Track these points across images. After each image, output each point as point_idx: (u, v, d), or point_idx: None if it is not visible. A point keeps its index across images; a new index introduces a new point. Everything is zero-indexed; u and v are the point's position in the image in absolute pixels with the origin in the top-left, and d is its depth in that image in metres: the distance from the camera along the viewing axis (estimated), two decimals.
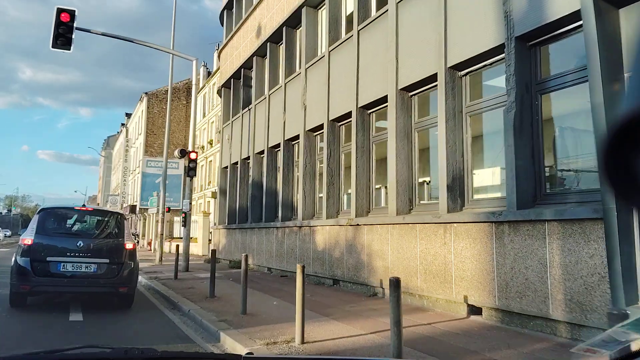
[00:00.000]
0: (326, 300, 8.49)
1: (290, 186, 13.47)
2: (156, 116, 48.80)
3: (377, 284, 8.72)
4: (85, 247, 7.78)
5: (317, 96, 11.73)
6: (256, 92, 16.18)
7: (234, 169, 18.24)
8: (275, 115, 14.36)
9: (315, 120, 11.82)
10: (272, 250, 13.55)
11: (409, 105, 8.71)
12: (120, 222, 8.37)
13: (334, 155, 11.03)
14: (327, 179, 10.92)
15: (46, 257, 7.60)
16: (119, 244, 8.14)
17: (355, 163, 9.78)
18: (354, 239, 9.52)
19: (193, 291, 10.23)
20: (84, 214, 8.54)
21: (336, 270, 10.12)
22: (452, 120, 7.43)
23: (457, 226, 6.94)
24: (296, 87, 12.99)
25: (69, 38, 14.00)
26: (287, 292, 9.56)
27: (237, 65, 18.01)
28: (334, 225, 10.28)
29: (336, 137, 11.10)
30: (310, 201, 12.08)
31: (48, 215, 8.09)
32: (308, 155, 12.20)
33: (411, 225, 7.88)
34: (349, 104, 10.22)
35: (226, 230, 17.96)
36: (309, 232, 11.43)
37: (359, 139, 9.85)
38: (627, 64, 5.12)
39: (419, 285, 7.64)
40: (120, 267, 7.99)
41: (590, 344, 1.08)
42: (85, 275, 7.73)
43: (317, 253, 10.95)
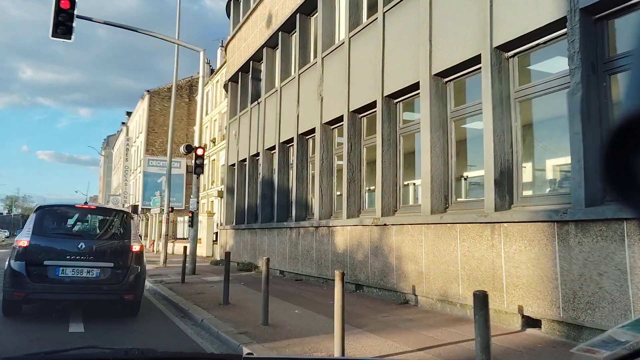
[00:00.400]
0: (353, 309, 7.67)
1: (305, 184, 12.66)
2: (158, 114, 47.98)
3: (409, 290, 7.90)
4: (87, 249, 6.97)
5: (336, 86, 10.92)
6: (266, 85, 15.36)
7: (241, 167, 17.43)
8: (287, 109, 13.55)
9: (333, 112, 11.01)
10: (285, 251, 12.73)
11: (443, 93, 7.89)
12: (126, 222, 7.56)
13: (354, 149, 10.22)
14: (348, 175, 10.10)
15: (43, 260, 6.79)
16: (125, 245, 7.33)
17: (381, 157, 8.97)
18: (380, 241, 8.71)
19: (203, 297, 9.41)
20: (85, 212, 7.73)
21: (359, 275, 9.30)
22: (500, 107, 6.61)
23: (507, 226, 6.12)
24: (311, 78, 12.18)
25: (70, 26, 13.20)
26: (308, 299, 8.75)
27: (245, 58, 17.20)
28: (357, 226, 9.46)
29: (357, 129, 10.29)
30: (328, 199, 11.27)
31: (46, 214, 7.28)
32: (325, 150, 11.39)
33: (450, 226, 7.06)
34: (372, 93, 9.41)
35: (234, 231, 17.15)
36: (327, 232, 10.61)
37: (384, 130, 9.04)
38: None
39: (460, 293, 6.82)
40: (125, 272, 7.18)
41: (590, 344, 1.08)
42: (87, 281, 6.93)
43: (337, 255, 10.14)
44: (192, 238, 13.96)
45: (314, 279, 11.12)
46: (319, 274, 10.87)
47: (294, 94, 13.13)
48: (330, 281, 10.31)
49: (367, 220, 9.08)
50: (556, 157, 6.30)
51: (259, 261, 14.49)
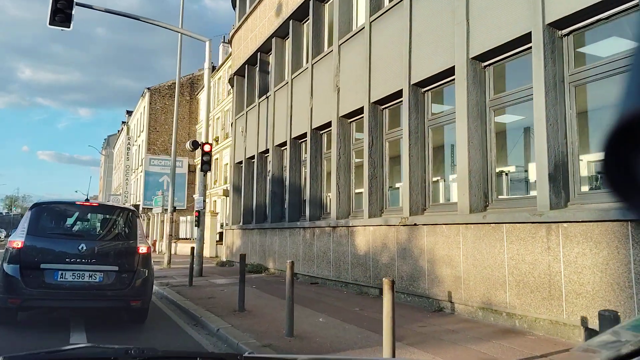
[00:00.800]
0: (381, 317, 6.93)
1: (319, 181, 11.92)
2: (159, 112, 47.22)
3: (443, 296, 7.16)
4: (89, 251, 6.24)
5: (354, 76, 10.18)
6: (275, 78, 14.62)
7: (249, 164, 16.69)
8: (299, 102, 12.81)
9: (351, 104, 10.27)
10: (299, 253, 11.99)
11: (482, 79, 7.16)
12: (132, 221, 6.82)
13: (376, 143, 9.48)
14: (369, 171, 9.37)
15: (40, 263, 6.06)
16: (130, 247, 6.60)
17: (409, 151, 8.23)
18: (408, 242, 7.97)
19: (215, 302, 8.68)
20: (87, 210, 6.98)
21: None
22: (553, 91, 5.88)
23: (568, 226, 5.38)
24: (326, 68, 11.45)
25: (69, 14, 12.49)
26: (330, 305, 8.02)
27: (252, 50, 16.46)
28: (381, 226, 8.72)
29: (379, 122, 9.55)
30: (345, 198, 10.53)
31: (43, 212, 6.54)
32: (342, 145, 10.65)
33: (494, 226, 6.33)
34: (398, 81, 8.67)
35: (241, 231, 16.41)
36: (347, 233, 9.88)
37: (412, 122, 8.30)
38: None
39: (507, 300, 6.09)
40: (132, 276, 6.45)
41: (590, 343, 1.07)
42: (89, 287, 6.19)
43: (358, 258, 9.40)
44: (198, 238, 13.22)
45: (331, 282, 10.39)
46: (337, 277, 10.13)
47: (306, 86, 12.40)
48: (351, 285, 9.59)
49: (394, 220, 8.35)
50: None
51: (268, 262, 13.76)
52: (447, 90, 8.20)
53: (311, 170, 11.89)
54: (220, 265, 17.15)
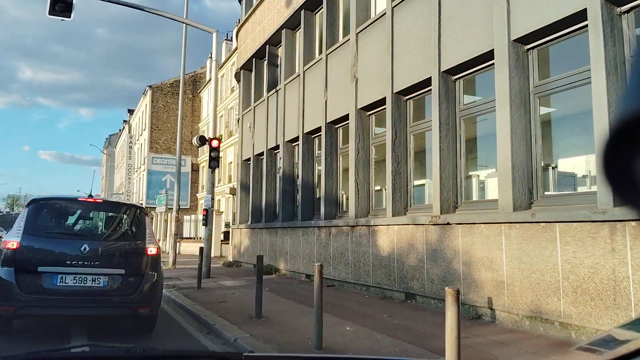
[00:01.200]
0: (415, 325, 6.29)
1: (334, 178, 11.27)
2: (161, 110, 46.58)
3: (482, 303, 6.51)
4: (92, 252, 5.60)
5: (375, 65, 9.53)
6: (286, 70, 13.97)
7: (257, 161, 16.04)
8: (313, 95, 12.16)
9: (371, 95, 9.61)
10: (313, 253, 11.34)
11: (524, 63, 6.50)
12: (140, 219, 6.17)
13: (400, 137, 8.82)
14: (392, 167, 8.71)
15: (37, 266, 5.43)
16: (138, 248, 5.95)
17: (439, 144, 7.57)
18: (440, 243, 7.32)
19: (227, 307, 8.04)
20: (90, 207, 6.32)
21: (411, 282, 7.91)
22: (614, 74, 5.22)
23: (636, 225, 4.73)
24: (342, 58, 10.79)
25: (69, 3, 11.91)
26: (354, 311, 7.36)
27: (260, 42, 15.81)
28: (408, 225, 8.07)
29: (403, 114, 8.89)
30: (364, 195, 9.87)
31: (41, 210, 5.89)
32: (360, 139, 10.00)
33: (545, 225, 5.67)
34: (425, 69, 8.02)
35: (249, 230, 15.76)
36: (367, 232, 9.22)
37: (442, 113, 7.65)
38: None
39: (561, 309, 5.43)
40: (139, 280, 5.81)
41: (590, 343, 1.06)
42: (92, 292, 5.55)
43: (381, 259, 8.75)
44: (206, 238, 12.57)
45: (349, 284, 9.73)
46: (357, 279, 9.48)
47: (320, 78, 11.74)
48: (372, 288, 8.94)
49: (423, 219, 7.69)
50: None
51: (279, 263, 13.12)
52: (480, 77, 7.55)
53: (326, 167, 11.24)
54: (227, 266, 16.51)
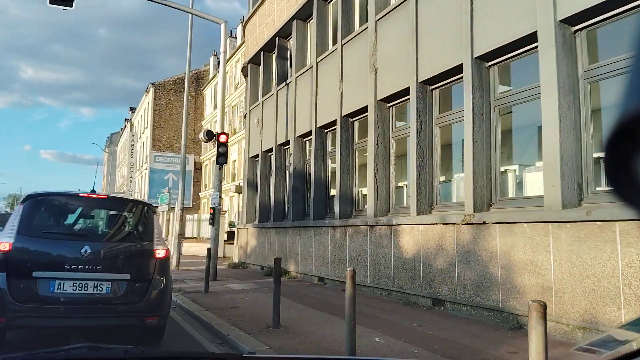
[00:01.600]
0: (452, 336, 5.66)
1: (350, 174, 10.64)
2: (163, 108, 45.98)
3: (525, 311, 5.87)
4: (94, 255, 4.99)
5: (396, 54, 8.90)
6: (297, 63, 13.34)
7: (265, 158, 15.42)
8: (326, 87, 11.53)
9: (392, 86, 8.98)
10: (326, 255, 10.72)
11: (572, 46, 5.87)
12: (147, 217, 5.55)
13: (425, 129, 8.19)
14: (417, 161, 8.08)
15: (32, 271, 4.81)
16: (145, 250, 5.33)
17: (472, 137, 6.94)
18: (474, 244, 6.69)
19: (239, 313, 7.42)
20: (92, 204, 5.68)
21: (439, 287, 7.29)
22: None
23: None
24: (360, 47, 10.16)
25: None
26: (380, 320, 6.72)
27: (269, 35, 15.19)
28: (436, 224, 7.44)
29: (428, 104, 8.26)
30: (384, 192, 9.25)
31: (38, 206, 5.27)
32: (380, 133, 9.37)
33: (602, 225, 5.04)
34: (455, 55, 7.39)
35: (257, 230, 15.14)
36: (388, 232, 8.60)
37: (475, 102, 7.01)
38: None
39: (622, 319, 4.80)
40: (147, 286, 5.19)
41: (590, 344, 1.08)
42: (94, 300, 4.94)
43: (404, 262, 8.12)
44: (213, 238, 11.95)
45: (368, 289, 9.11)
46: (376, 283, 8.85)
47: (335, 69, 11.12)
48: (394, 293, 8.31)
49: (453, 218, 7.06)
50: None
51: (289, 265, 12.49)
52: (517, 64, 6.92)
53: (341, 162, 10.61)
54: (233, 267, 15.91)
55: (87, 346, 1.72)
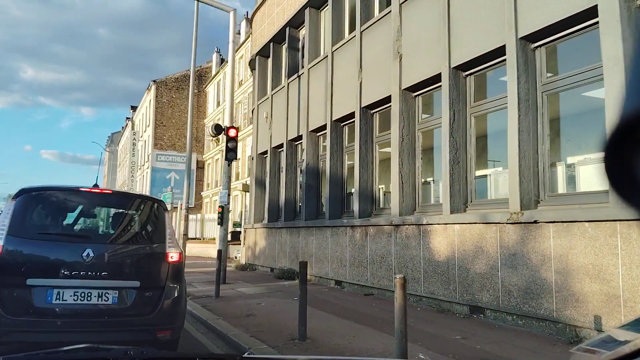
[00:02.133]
0: (506, 352, 4.95)
1: (370, 170, 9.94)
2: (165, 106, 45.29)
3: (586, 322, 5.17)
4: (98, 259, 4.29)
5: (424, 38, 8.20)
6: (310, 53, 12.64)
7: (275, 155, 14.72)
8: (343, 78, 10.83)
9: (419, 73, 8.28)
10: (344, 256, 10.02)
11: (639, 21, 5.16)
12: (158, 216, 4.84)
13: (459, 119, 7.49)
14: (450, 155, 7.38)
15: (26, 278, 4.12)
16: (157, 253, 4.63)
17: (518, 125, 6.24)
18: (521, 245, 5.99)
19: (257, 322, 6.72)
20: (95, 200, 4.95)
21: (479, 294, 6.58)
22: None
23: None
24: (381, 33, 9.46)
25: None
26: (418, 331, 6.01)
27: (279, 25, 14.48)
28: (474, 224, 6.73)
29: (462, 92, 7.56)
30: (410, 189, 8.55)
31: (32, 203, 4.55)
32: (405, 124, 8.67)
33: None
34: (495, 36, 6.69)
35: (266, 230, 14.44)
36: (417, 233, 7.89)
37: (521, 88, 6.31)
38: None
39: None
40: (159, 295, 4.50)
41: (590, 344, 1.07)
42: (98, 312, 4.24)
43: (436, 265, 7.42)
44: (222, 238, 11.25)
45: (393, 294, 8.38)
46: None
47: (352, 58, 10.41)
48: (425, 299, 7.61)
49: (497, 216, 6.35)
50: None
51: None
52: (565, 45, 6.22)
53: (360, 158, 9.90)
54: (240, 269, 15.22)
55: (87, 347, 1.67)
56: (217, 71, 41.87)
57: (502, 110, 6.94)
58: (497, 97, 6.93)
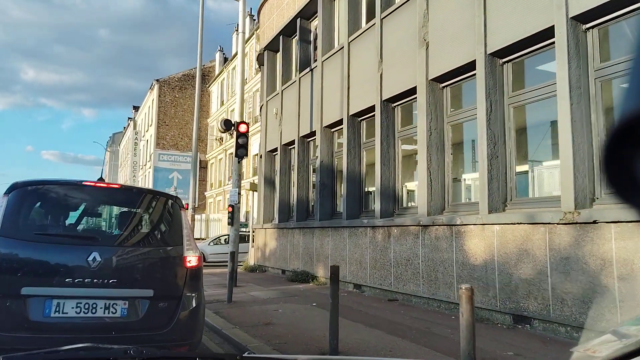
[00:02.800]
0: None
1: (392, 167, 9.31)
2: (168, 105, 44.70)
3: None
4: (105, 264, 3.67)
5: (454, 22, 7.57)
6: (324, 45, 12.02)
7: (285, 152, 14.09)
8: (361, 69, 10.21)
9: (449, 61, 7.66)
10: (364, 259, 9.39)
11: None
12: (174, 214, 4.21)
13: (496, 110, 6.86)
14: (488, 149, 6.75)
15: (20, 286, 3.50)
16: (173, 257, 4.01)
17: (570, 115, 5.60)
18: (576, 248, 5.35)
19: (277, 332, 6.10)
20: (101, 196, 4.31)
21: (524, 302, 5.95)
22: None
23: None
24: (405, 20, 8.83)
25: None
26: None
27: (289, 17, 13.86)
28: (519, 224, 6.09)
29: (498, 81, 6.93)
30: (438, 187, 7.92)
31: (27, 199, 3.92)
32: (433, 118, 8.04)
33: None
34: (540, 17, 6.06)
35: (277, 231, 13.81)
36: (449, 234, 7.26)
37: (572, 74, 5.68)
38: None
39: None
40: (175, 306, 3.88)
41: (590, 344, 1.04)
42: (105, 326, 3.63)
43: (472, 269, 6.78)
44: (233, 239, 10.62)
45: (420, 300, 7.78)
46: (432, 294, 7.52)
47: (372, 48, 9.79)
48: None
49: (546, 216, 5.71)
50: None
51: (317, 270, 11.18)
52: (618, 27, 5.59)
53: (382, 154, 9.27)
54: (250, 271, 14.60)
55: (87, 346, 1.66)
56: (221, 70, 41.30)
57: (545, 100, 6.33)
58: (541, 85, 6.31)
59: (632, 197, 0.42)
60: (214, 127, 41.22)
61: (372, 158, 10.11)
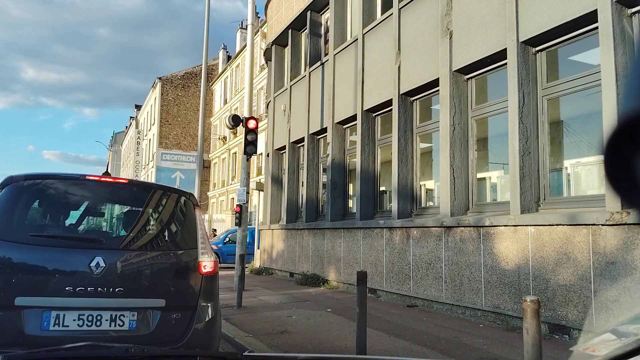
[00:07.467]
0: None
1: (410, 165, 8.84)
2: (171, 104, 44.30)
3: None
4: (110, 271, 3.22)
5: (481, 9, 7.10)
6: (335, 38, 11.56)
7: (294, 150, 13.64)
8: (376, 62, 9.75)
9: (476, 51, 7.19)
10: (380, 262, 8.92)
11: None
12: (187, 213, 3.75)
13: (529, 104, 6.39)
14: (520, 144, 6.28)
15: (14, 296, 3.05)
16: (186, 262, 3.55)
17: (617, 107, 5.13)
18: (625, 252, 4.88)
19: (295, 341, 5.64)
20: (106, 193, 3.82)
21: (562, 310, 5.48)
22: None
23: None
24: (425, 8, 8.37)
25: None
26: (497, 357, 4.91)
27: (298, 10, 13.40)
28: (557, 226, 5.62)
29: (531, 71, 6.46)
30: (462, 185, 7.45)
31: (23, 196, 3.46)
32: (457, 112, 7.57)
33: None
34: (583, 0, 5.60)
35: (284, 232, 13.35)
36: (476, 236, 6.79)
37: (618, 61, 5.20)
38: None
39: None
40: (189, 317, 3.43)
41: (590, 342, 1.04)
42: (111, 340, 3.17)
43: (502, 274, 6.31)
44: (240, 241, 10.16)
45: (443, 306, 7.31)
46: (456, 300, 7.05)
47: (389, 39, 9.33)
48: (489, 314, 6.50)
49: (590, 217, 5.24)
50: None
51: (329, 273, 10.71)
52: None
53: (399, 150, 8.80)
54: (256, 274, 14.14)
55: (88, 345, 1.68)
56: (225, 68, 40.83)
57: (584, 92, 5.86)
58: (580, 75, 5.83)
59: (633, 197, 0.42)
60: (217, 127, 40.89)
61: (387, 155, 9.65)
